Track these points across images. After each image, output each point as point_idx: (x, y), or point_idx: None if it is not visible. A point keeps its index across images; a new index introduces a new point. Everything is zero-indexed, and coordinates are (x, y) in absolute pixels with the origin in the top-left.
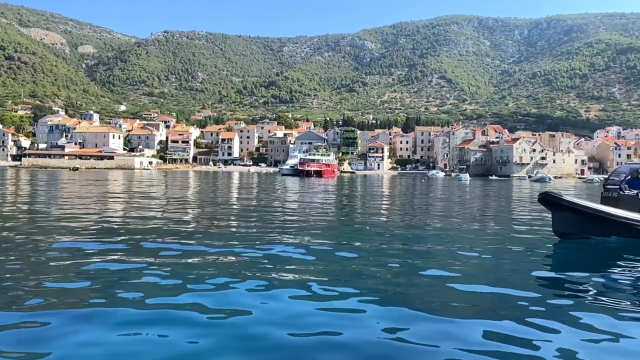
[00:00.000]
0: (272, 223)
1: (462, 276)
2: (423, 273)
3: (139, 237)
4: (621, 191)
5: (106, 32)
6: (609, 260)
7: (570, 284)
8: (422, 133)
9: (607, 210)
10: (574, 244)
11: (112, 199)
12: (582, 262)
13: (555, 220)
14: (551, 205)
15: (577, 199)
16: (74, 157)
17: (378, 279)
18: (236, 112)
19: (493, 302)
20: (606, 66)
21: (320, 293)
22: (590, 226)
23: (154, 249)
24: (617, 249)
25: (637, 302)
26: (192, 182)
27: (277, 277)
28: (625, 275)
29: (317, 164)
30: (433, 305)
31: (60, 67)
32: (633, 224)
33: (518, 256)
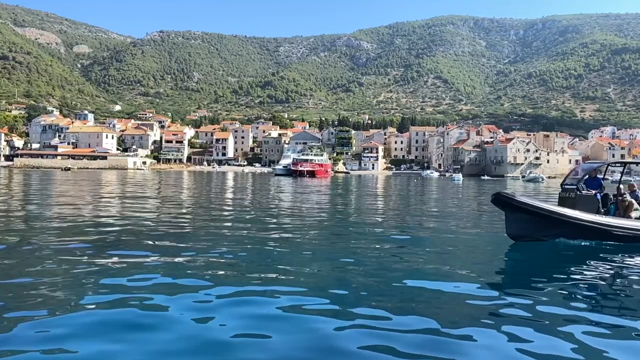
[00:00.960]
0: (258, 225)
1: (402, 275)
2: (376, 272)
3: (120, 238)
4: (578, 191)
5: (101, 32)
6: (563, 263)
7: (513, 288)
8: (416, 133)
9: (562, 212)
10: (527, 247)
11: (98, 199)
12: (531, 265)
13: (508, 221)
14: (504, 206)
15: (530, 200)
16: (67, 157)
17: (338, 277)
18: (232, 112)
19: (429, 306)
20: (601, 66)
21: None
22: (545, 228)
23: (132, 253)
24: (572, 252)
25: (589, 305)
26: (185, 183)
27: (249, 280)
28: (580, 278)
29: (310, 164)
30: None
31: (55, 67)
32: (590, 226)
33: (463, 259)
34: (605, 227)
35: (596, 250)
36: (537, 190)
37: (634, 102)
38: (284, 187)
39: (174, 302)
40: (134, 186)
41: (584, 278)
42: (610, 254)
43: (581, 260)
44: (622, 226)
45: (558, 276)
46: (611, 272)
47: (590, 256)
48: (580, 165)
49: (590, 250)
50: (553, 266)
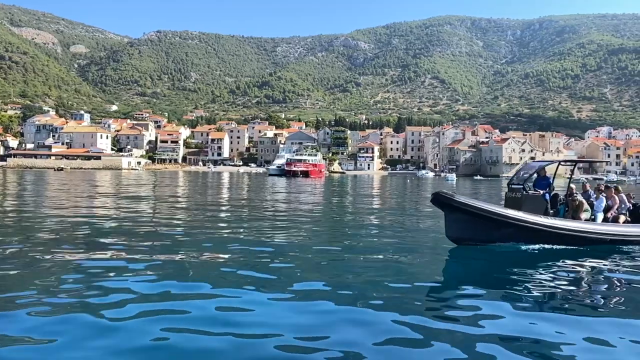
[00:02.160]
0: (242, 226)
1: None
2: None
3: (101, 241)
4: (525, 191)
5: (98, 32)
6: (503, 268)
7: (441, 296)
8: (412, 133)
9: (505, 213)
10: (469, 251)
11: (83, 199)
12: (467, 271)
13: (447, 223)
14: (443, 206)
15: (471, 200)
16: (61, 157)
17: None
18: (229, 113)
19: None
20: (598, 67)
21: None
22: (487, 230)
23: (117, 254)
24: (515, 256)
25: (529, 313)
26: (178, 183)
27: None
28: (521, 284)
29: (304, 164)
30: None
31: (52, 67)
32: (535, 228)
33: (396, 265)
34: (550, 229)
35: (542, 253)
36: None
37: (630, 102)
38: (274, 187)
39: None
40: (124, 186)
41: (525, 283)
42: (556, 257)
43: (523, 265)
44: (567, 228)
45: (497, 282)
46: (554, 276)
47: (534, 260)
48: (529, 164)
49: (536, 253)
50: (492, 271)
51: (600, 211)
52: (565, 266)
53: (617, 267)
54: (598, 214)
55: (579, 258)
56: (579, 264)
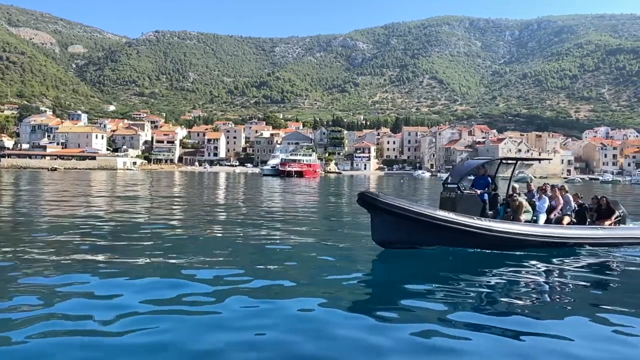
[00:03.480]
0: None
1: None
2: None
3: (81, 246)
4: (459, 191)
5: (97, 32)
6: (432, 273)
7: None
8: (409, 133)
9: (434, 214)
10: (397, 255)
11: (69, 201)
12: (392, 277)
13: (373, 225)
14: (368, 207)
15: (397, 200)
16: (56, 157)
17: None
18: (227, 113)
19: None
20: (596, 67)
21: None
22: (416, 233)
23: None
24: (442, 261)
25: (458, 322)
26: (173, 184)
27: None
28: (449, 290)
29: (298, 164)
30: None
31: (50, 67)
32: (467, 230)
33: (318, 269)
34: (484, 232)
35: (474, 257)
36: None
37: (628, 102)
38: (266, 188)
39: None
40: (115, 187)
41: (454, 290)
42: (489, 261)
43: (451, 270)
44: (502, 230)
45: (421, 289)
46: (482, 281)
47: (465, 264)
48: (466, 162)
49: (467, 257)
50: (417, 277)
51: (543, 212)
52: (495, 271)
53: (551, 271)
54: (540, 215)
55: (512, 262)
56: (511, 269)
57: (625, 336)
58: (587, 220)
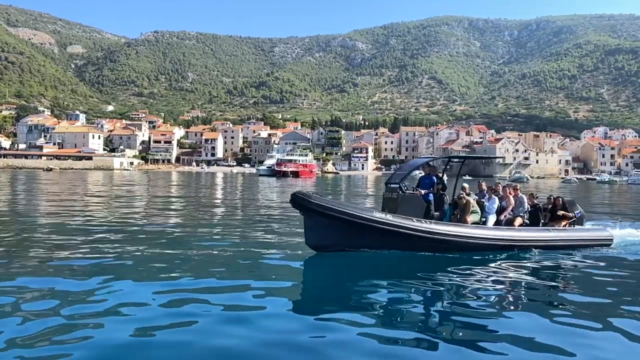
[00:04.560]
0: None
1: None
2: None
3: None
4: (401, 191)
5: (96, 32)
6: (367, 280)
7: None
8: (406, 133)
9: (370, 216)
10: (328, 259)
11: (58, 201)
12: (321, 284)
13: (306, 228)
14: (300, 209)
15: (331, 201)
16: (52, 157)
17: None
18: (226, 113)
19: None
20: (595, 67)
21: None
22: (351, 236)
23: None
24: (382, 265)
25: (388, 331)
26: (168, 185)
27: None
28: (385, 298)
29: (294, 164)
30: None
31: (48, 67)
32: (406, 233)
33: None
34: (422, 234)
35: (413, 261)
36: (525, 190)
37: (627, 102)
38: (258, 187)
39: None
40: (109, 187)
41: (390, 297)
42: (434, 265)
43: (390, 275)
44: (442, 232)
45: (354, 296)
46: (425, 287)
47: (404, 269)
48: (412, 160)
49: (408, 261)
50: (346, 283)
51: (492, 213)
52: (434, 275)
53: (490, 275)
54: (489, 216)
55: (453, 266)
56: (450, 273)
57: (565, 340)
58: (540, 221)
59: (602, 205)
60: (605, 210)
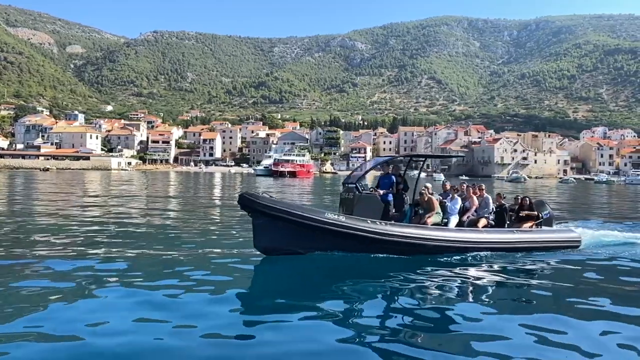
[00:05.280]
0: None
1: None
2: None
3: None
4: (357, 191)
5: (95, 32)
6: (316, 285)
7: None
8: (405, 133)
9: (320, 218)
10: (278, 263)
11: (48, 201)
12: (269, 289)
13: (254, 230)
14: (248, 210)
15: (280, 202)
16: (49, 157)
17: None
18: (225, 113)
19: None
20: (594, 67)
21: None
22: (301, 238)
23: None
24: (332, 268)
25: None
26: (162, 185)
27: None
28: (336, 302)
29: (291, 164)
30: None
31: (47, 67)
32: (359, 235)
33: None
34: (376, 236)
35: (366, 264)
36: (519, 190)
37: (626, 102)
38: (253, 188)
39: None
40: (103, 187)
41: (342, 303)
42: (388, 268)
43: (343, 279)
44: (399, 234)
45: (301, 300)
46: (375, 292)
47: (353, 272)
48: (372, 160)
49: (359, 264)
50: (300, 291)
51: (455, 214)
52: (386, 279)
53: (449, 277)
54: (452, 217)
55: (409, 269)
56: (406, 276)
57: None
58: (506, 222)
59: (591, 205)
60: (595, 211)
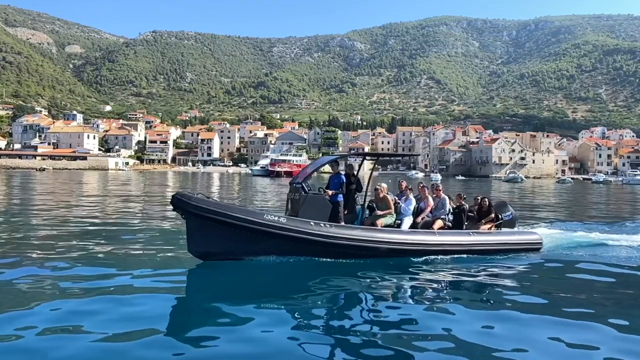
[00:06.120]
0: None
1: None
2: None
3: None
4: (304, 191)
5: (94, 32)
6: (255, 288)
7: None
8: (403, 133)
9: (261, 220)
10: (214, 269)
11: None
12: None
13: (188, 234)
14: (181, 212)
15: (216, 202)
16: (46, 157)
17: None
18: (224, 113)
19: None
20: (593, 67)
21: None
22: (239, 242)
23: None
24: (272, 273)
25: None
26: (154, 185)
27: None
28: (274, 309)
29: (288, 164)
30: None
31: (46, 67)
32: (300, 237)
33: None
34: (321, 239)
35: (311, 268)
36: (515, 190)
37: (625, 102)
38: (249, 187)
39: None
40: (97, 187)
41: (283, 311)
42: (329, 273)
43: (283, 286)
44: (344, 237)
45: (238, 309)
46: (319, 299)
47: (297, 277)
48: (321, 158)
49: (303, 268)
50: (235, 300)
51: (408, 215)
52: (333, 284)
53: (395, 282)
54: (405, 218)
55: (356, 273)
56: (350, 281)
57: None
58: (464, 224)
59: (579, 206)
60: (580, 212)
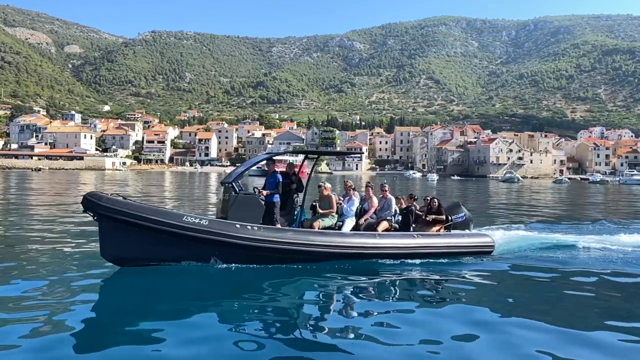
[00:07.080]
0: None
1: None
2: None
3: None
4: (234, 191)
5: (93, 32)
6: (175, 298)
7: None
8: (401, 133)
9: (179, 223)
10: (130, 275)
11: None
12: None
13: (100, 237)
14: (93, 213)
15: (129, 203)
16: (43, 157)
17: None
18: (223, 113)
19: None
20: (592, 67)
21: None
22: (158, 246)
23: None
24: (199, 279)
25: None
26: (157, 185)
27: None
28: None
29: (284, 164)
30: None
31: (45, 67)
32: (223, 241)
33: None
34: (245, 242)
35: (236, 275)
36: (509, 190)
37: (624, 102)
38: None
39: None
40: (93, 187)
41: (206, 320)
42: (267, 278)
43: (207, 294)
44: (271, 240)
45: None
46: (247, 304)
47: (220, 284)
48: (257, 156)
49: (228, 274)
50: (153, 304)
51: (351, 216)
52: (263, 291)
53: (325, 287)
54: (347, 219)
55: (281, 279)
56: (281, 286)
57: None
58: (411, 226)
59: (563, 206)
60: (560, 212)
